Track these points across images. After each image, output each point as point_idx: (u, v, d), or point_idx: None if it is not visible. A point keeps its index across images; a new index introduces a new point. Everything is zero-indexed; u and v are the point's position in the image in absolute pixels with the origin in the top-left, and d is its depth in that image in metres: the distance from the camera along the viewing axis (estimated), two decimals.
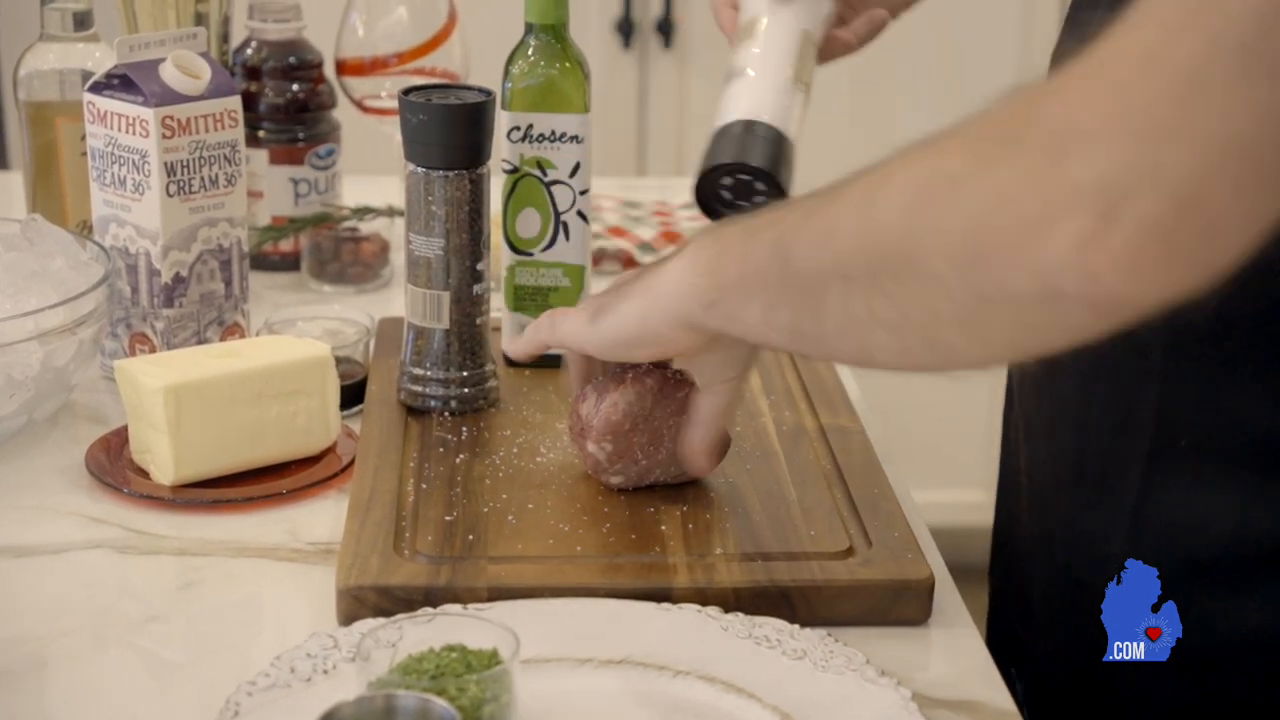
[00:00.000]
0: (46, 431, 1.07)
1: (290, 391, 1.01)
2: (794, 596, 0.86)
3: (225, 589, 0.91)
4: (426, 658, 0.74)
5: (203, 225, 1.12)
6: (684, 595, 0.85)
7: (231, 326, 1.15)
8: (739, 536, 0.91)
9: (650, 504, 0.94)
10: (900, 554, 0.89)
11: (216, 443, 0.99)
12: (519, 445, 1.01)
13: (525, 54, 1.09)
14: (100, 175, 1.12)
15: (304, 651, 0.80)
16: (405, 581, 0.85)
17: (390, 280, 1.38)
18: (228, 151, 1.12)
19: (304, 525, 0.97)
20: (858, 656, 0.81)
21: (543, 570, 0.87)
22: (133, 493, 0.98)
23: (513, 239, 1.12)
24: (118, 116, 1.10)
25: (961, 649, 0.86)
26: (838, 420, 1.05)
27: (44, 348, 1.02)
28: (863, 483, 0.97)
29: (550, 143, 1.09)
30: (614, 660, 0.81)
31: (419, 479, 0.96)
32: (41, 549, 0.94)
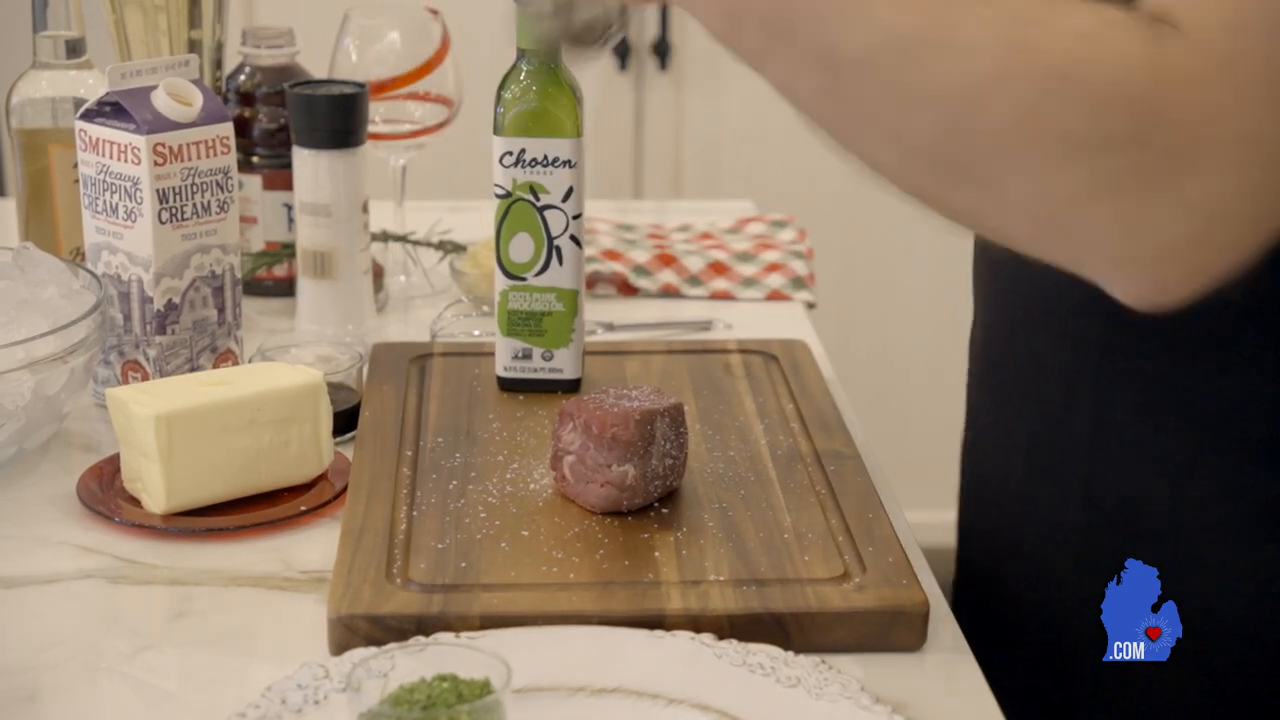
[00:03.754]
0: (38, 460, 1.07)
1: (282, 419, 1.00)
2: (788, 623, 0.85)
3: (217, 618, 0.90)
4: (418, 688, 0.73)
5: (195, 252, 1.12)
6: (677, 621, 0.85)
7: (224, 353, 1.15)
8: (733, 562, 0.90)
9: (644, 529, 0.94)
10: (895, 580, 0.88)
11: (208, 471, 0.98)
12: (512, 471, 1.01)
13: (517, 79, 1.09)
14: (92, 203, 1.12)
15: (295, 682, 0.80)
16: (397, 610, 0.85)
17: (385, 305, 1.38)
18: (220, 178, 1.12)
19: (296, 554, 0.96)
20: (852, 684, 0.80)
21: (536, 598, 0.87)
22: (124, 521, 0.98)
23: (506, 264, 1.12)
24: (110, 144, 1.10)
25: (957, 675, 0.86)
26: (833, 444, 1.05)
27: (35, 376, 1.02)
28: (857, 508, 0.96)
29: (543, 168, 1.09)
30: (607, 689, 0.80)
31: (411, 506, 0.96)
32: (32, 579, 0.93)
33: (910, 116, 0.68)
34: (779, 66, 0.72)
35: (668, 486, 0.97)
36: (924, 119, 0.68)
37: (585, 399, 0.97)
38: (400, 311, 1.39)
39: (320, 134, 1.21)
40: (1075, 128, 0.65)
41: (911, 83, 0.67)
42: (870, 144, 0.71)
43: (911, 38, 0.67)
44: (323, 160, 1.22)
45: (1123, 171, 0.65)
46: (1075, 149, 0.65)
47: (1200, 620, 0.86)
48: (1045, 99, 0.65)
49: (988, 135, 0.66)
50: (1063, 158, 0.65)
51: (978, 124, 0.66)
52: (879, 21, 0.67)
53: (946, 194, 0.70)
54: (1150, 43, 0.65)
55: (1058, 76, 0.65)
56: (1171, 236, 0.65)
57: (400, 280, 1.43)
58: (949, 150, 0.68)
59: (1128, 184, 0.65)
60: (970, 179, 0.68)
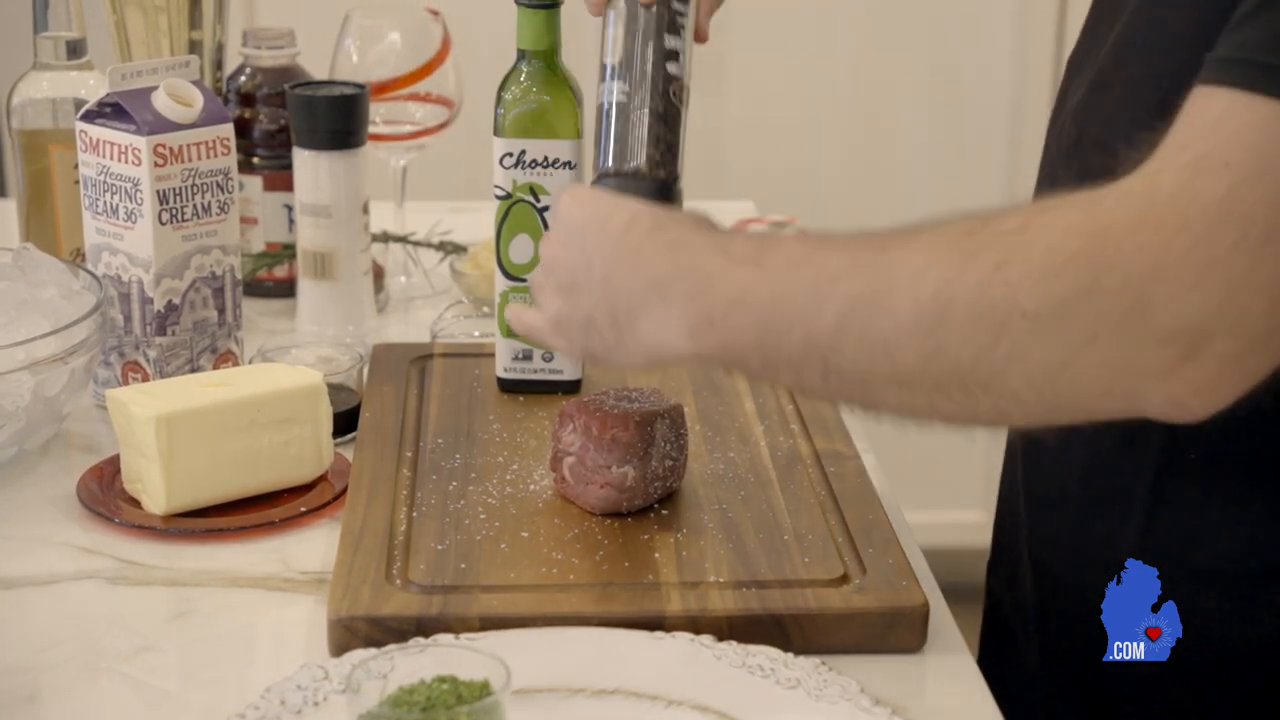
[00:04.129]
0: (38, 461, 1.07)
1: (282, 420, 1.00)
2: (788, 624, 0.85)
3: (217, 619, 0.90)
4: (417, 689, 0.73)
5: (195, 253, 1.12)
6: (677, 623, 0.85)
7: (224, 354, 1.15)
8: (733, 563, 0.90)
9: (644, 531, 0.94)
10: (895, 581, 0.88)
11: (208, 472, 0.98)
12: (512, 473, 1.01)
13: (518, 80, 1.09)
14: (93, 203, 1.12)
15: (294, 683, 0.80)
16: (397, 611, 0.85)
17: (385, 306, 1.38)
18: (220, 179, 1.12)
19: (296, 555, 0.96)
20: (852, 685, 0.80)
21: (535, 599, 0.87)
22: (124, 522, 0.98)
23: (506, 265, 1.12)
24: (110, 145, 1.10)
25: (957, 677, 0.86)
26: (833, 445, 1.05)
27: (35, 377, 1.02)
28: (857, 509, 0.96)
29: (543, 169, 1.09)
30: (606, 690, 0.80)
31: (411, 507, 0.96)
32: (32, 580, 0.93)
33: (893, 357, 0.73)
34: (786, 372, 0.78)
35: (668, 488, 0.97)
36: (905, 354, 0.73)
37: (585, 400, 0.97)
38: (400, 312, 1.39)
39: (321, 135, 1.21)
40: (1029, 305, 0.69)
41: (881, 328, 0.73)
42: (878, 394, 0.76)
43: (865, 294, 0.74)
44: (323, 161, 1.22)
45: (1089, 321, 0.68)
46: (1038, 322, 0.69)
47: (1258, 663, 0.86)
48: (993, 289, 0.70)
49: (957, 343, 0.71)
50: (1031, 334, 0.69)
51: (946, 338, 0.71)
52: (834, 296, 0.74)
53: (965, 409, 0.74)
54: (1080, 209, 0.70)
55: (997, 266, 0.70)
56: (1162, 364, 0.68)
57: (401, 281, 1.43)
58: (939, 371, 0.72)
59: (1098, 330, 0.68)
60: (968, 387, 0.72)
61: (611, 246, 0.83)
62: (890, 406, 0.76)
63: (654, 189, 0.93)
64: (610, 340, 0.84)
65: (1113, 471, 0.90)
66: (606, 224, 0.84)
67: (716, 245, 0.81)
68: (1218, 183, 0.67)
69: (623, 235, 0.83)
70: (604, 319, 0.83)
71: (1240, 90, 0.68)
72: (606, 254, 0.83)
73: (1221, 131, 0.68)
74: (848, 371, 0.75)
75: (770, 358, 0.78)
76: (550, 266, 0.87)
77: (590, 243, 0.84)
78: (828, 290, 0.75)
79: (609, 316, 0.83)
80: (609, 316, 0.83)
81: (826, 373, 0.76)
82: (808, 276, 0.76)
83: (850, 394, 0.77)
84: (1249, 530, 0.87)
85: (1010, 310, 0.70)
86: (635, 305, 0.82)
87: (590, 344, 0.85)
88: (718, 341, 0.79)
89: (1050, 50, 2.38)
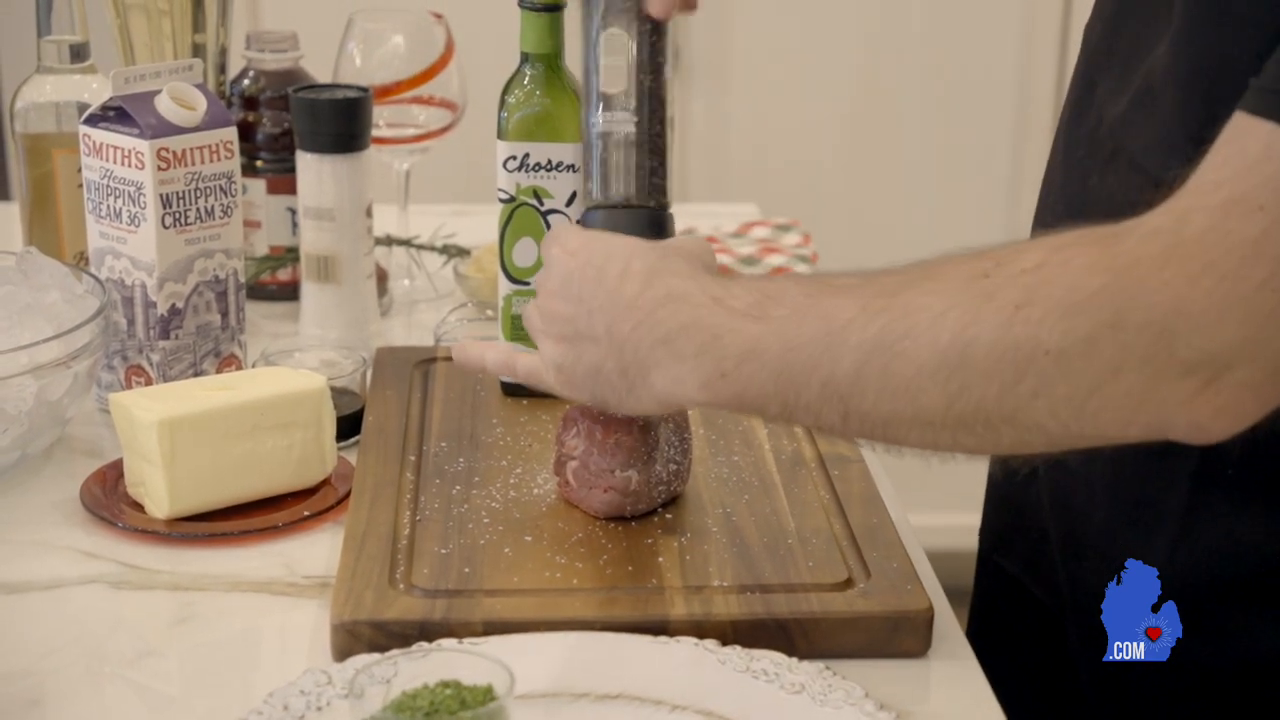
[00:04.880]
0: (41, 465, 1.07)
1: (286, 424, 1.00)
2: (792, 629, 0.85)
3: (220, 624, 0.90)
4: (421, 694, 0.73)
5: (199, 257, 1.12)
6: (681, 627, 0.85)
7: (228, 358, 1.15)
8: (736, 568, 0.90)
9: (648, 535, 0.94)
10: (899, 585, 0.88)
11: (211, 476, 0.98)
12: (516, 476, 1.01)
13: (521, 83, 1.09)
14: (96, 207, 1.12)
15: (298, 688, 0.79)
16: (400, 616, 0.85)
17: (388, 309, 1.38)
18: (224, 183, 1.12)
19: (299, 559, 0.96)
20: (856, 690, 0.80)
21: (539, 603, 0.87)
22: (127, 527, 0.98)
23: (509, 268, 1.12)
24: (113, 149, 1.10)
25: (962, 681, 0.85)
26: (836, 449, 1.04)
27: (38, 382, 1.02)
28: (861, 513, 0.96)
29: (546, 172, 1.09)
30: (610, 695, 0.80)
31: (414, 511, 0.96)
32: (35, 584, 0.93)
33: (916, 400, 0.74)
34: (805, 417, 0.79)
35: (672, 492, 0.97)
36: (927, 396, 0.73)
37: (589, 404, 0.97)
38: (404, 316, 1.39)
39: (324, 138, 1.21)
40: (1052, 342, 0.70)
41: (903, 373, 0.74)
42: (901, 433, 0.76)
43: (883, 339, 0.74)
44: (326, 164, 1.22)
45: (1113, 356, 0.69)
46: (1061, 359, 0.70)
47: None
48: (1015, 329, 0.70)
49: (981, 382, 0.72)
50: (1056, 369, 0.70)
51: (969, 378, 0.72)
52: (849, 344, 0.75)
53: (987, 443, 0.75)
54: (1099, 245, 0.70)
55: (1017, 306, 0.71)
56: (1185, 393, 0.69)
57: (404, 284, 1.43)
58: (963, 409, 0.73)
59: (1124, 363, 0.69)
60: (992, 423, 0.73)
61: (608, 298, 0.84)
62: (913, 444, 0.77)
63: (646, 219, 0.94)
64: (621, 389, 0.85)
65: (1145, 483, 0.90)
66: (601, 274, 0.84)
67: (714, 298, 0.81)
68: (1251, 225, 0.67)
69: (618, 286, 0.84)
70: (613, 369, 0.84)
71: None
72: (604, 305, 0.84)
73: (1260, 172, 0.68)
74: (869, 414, 0.76)
75: (789, 404, 0.78)
76: (549, 317, 0.88)
77: (586, 293, 0.85)
78: (841, 339, 0.75)
79: (619, 368, 0.84)
80: (619, 368, 0.84)
81: (847, 416, 0.77)
82: (818, 326, 0.76)
83: (872, 434, 0.78)
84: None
85: (1034, 349, 0.70)
86: (644, 359, 0.83)
87: (599, 392, 0.86)
88: (733, 393, 0.80)
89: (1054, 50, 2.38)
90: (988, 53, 2.40)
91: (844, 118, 2.42)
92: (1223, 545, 0.87)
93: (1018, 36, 2.40)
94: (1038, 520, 1.00)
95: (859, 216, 2.45)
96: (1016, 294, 0.71)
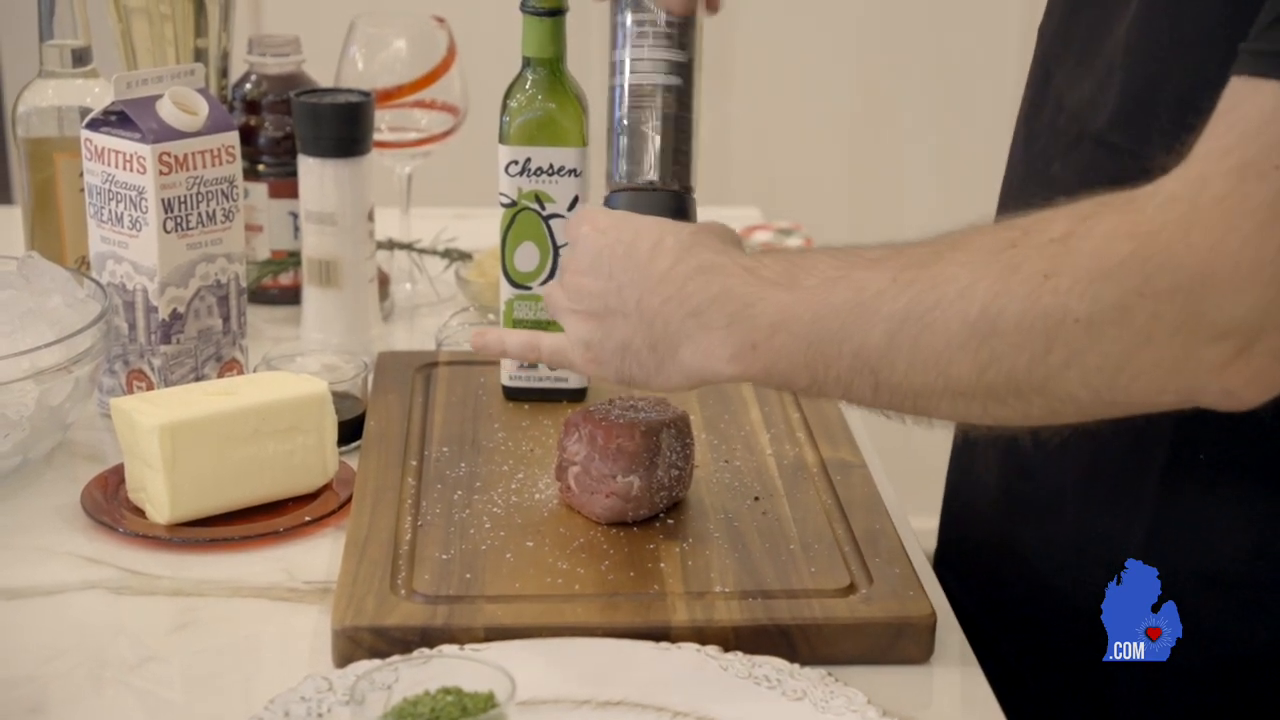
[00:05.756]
0: (42, 470, 1.07)
1: (287, 429, 1.00)
2: (794, 635, 0.85)
3: (221, 629, 0.90)
4: (421, 701, 0.73)
5: (200, 261, 1.12)
6: (683, 633, 0.85)
7: (229, 362, 1.15)
8: (738, 573, 0.90)
9: (650, 540, 0.94)
10: (902, 591, 0.88)
11: (212, 481, 0.98)
12: (517, 482, 1.01)
13: (523, 88, 1.09)
14: (97, 212, 1.12)
15: (298, 694, 0.79)
16: (401, 622, 0.84)
17: (390, 313, 1.38)
18: (225, 187, 1.12)
19: (300, 564, 0.96)
20: (858, 697, 0.80)
21: (540, 609, 0.86)
22: (128, 532, 0.98)
23: (511, 273, 1.12)
24: (115, 153, 1.10)
25: (964, 687, 0.85)
26: (839, 454, 1.04)
27: (39, 386, 1.02)
28: (864, 518, 0.96)
29: (548, 176, 1.09)
30: (612, 701, 0.80)
31: (416, 517, 0.96)
32: (36, 590, 0.93)
33: (947, 371, 0.74)
34: (835, 389, 0.79)
35: (673, 497, 0.97)
36: (958, 367, 0.74)
37: (591, 409, 0.97)
38: (406, 320, 1.39)
39: (325, 142, 1.21)
40: (1081, 311, 0.70)
41: (933, 344, 0.74)
42: (932, 404, 0.77)
43: (913, 310, 0.74)
44: (328, 169, 1.22)
45: (1143, 323, 0.69)
46: (1091, 327, 0.70)
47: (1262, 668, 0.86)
48: (1043, 298, 0.71)
49: (1011, 352, 0.72)
50: (1086, 338, 0.70)
51: (1000, 348, 0.72)
52: (880, 314, 0.75)
53: (1018, 413, 0.75)
54: (1119, 213, 0.71)
55: (1046, 276, 0.71)
56: (1216, 360, 0.69)
57: (406, 288, 1.43)
58: (994, 379, 0.73)
59: (1155, 331, 0.69)
60: (1024, 393, 0.73)
61: (639, 273, 0.84)
62: (944, 415, 0.77)
63: (668, 201, 0.93)
64: (650, 365, 0.85)
65: (1118, 472, 0.90)
66: (632, 250, 0.85)
67: (746, 268, 0.81)
68: (1267, 187, 0.68)
69: (650, 261, 0.84)
70: (642, 344, 0.84)
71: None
72: (635, 280, 0.84)
73: (1268, 133, 0.68)
74: (900, 386, 0.76)
75: (818, 377, 0.78)
76: (577, 294, 0.87)
77: (617, 269, 0.85)
78: (872, 309, 0.76)
79: (648, 342, 0.84)
80: (648, 342, 0.84)
81: (878, 387, 0.77)
82: (849, 295, 0.77)
83: (902, 405, 0.78)
84: (1257, 533, 0.86)
85: (1063, 317, 0.70)
86: (675, 333, 0.83)
87: (627, 369, 0.86)
88: (762, 365, 0.80)
89: None
90: (989, 57, 2.40)
91: (846, 122, 2.42)
92: (1198, 537, 0.88)
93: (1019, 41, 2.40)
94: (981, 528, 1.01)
95: (861, 220, 2.45)
96: (1044, 263, 0.71)
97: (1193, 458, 0.87)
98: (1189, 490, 0.88)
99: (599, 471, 0.94)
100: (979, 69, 2.40)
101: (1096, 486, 0.92)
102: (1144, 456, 0.89)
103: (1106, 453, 0.90)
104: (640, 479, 0.94)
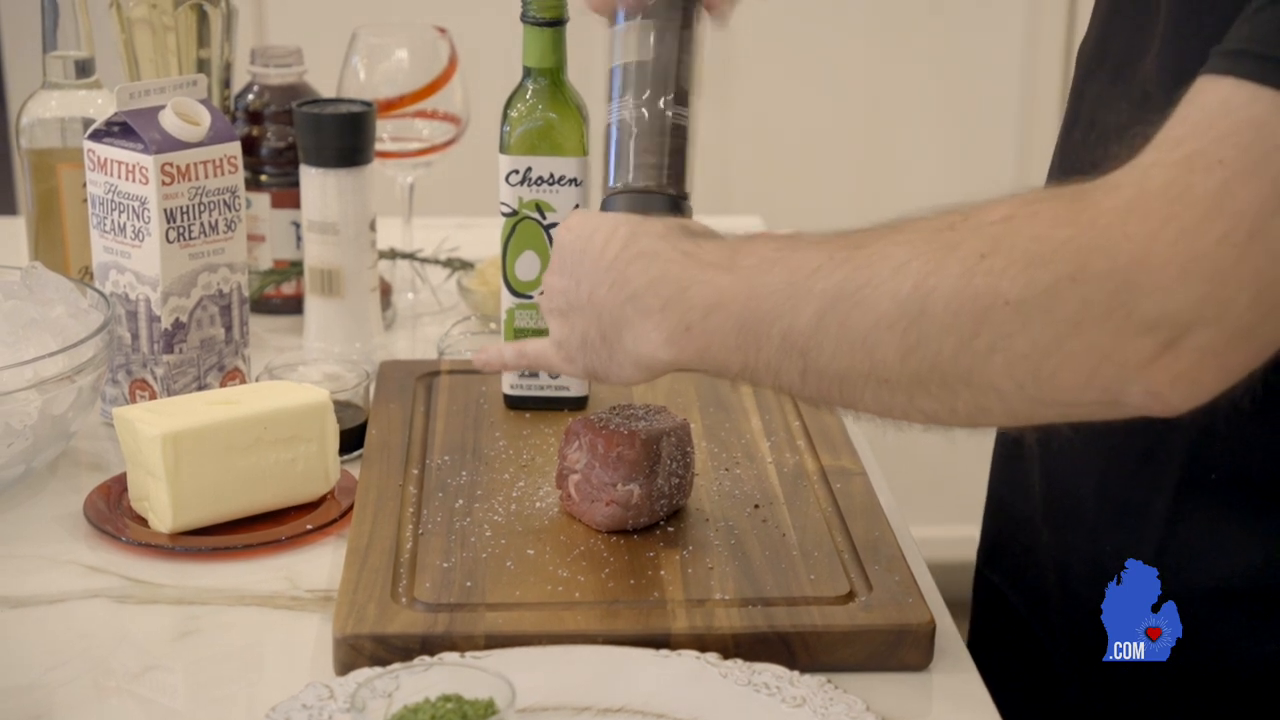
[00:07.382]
0: (45, 480, 1.07)
1: (289, 437, 1.01)
2: (793, 642, 0.85)
3: (223, 638, 0.90)
4: (422, 708, 0.73)
5: (203, 271, 1.12)
6: (683, 641, 0.85)
7: (232, 372, 1.16)
8: (738, 581, 0.90)
9: (650, 548, 0.94)
10: (901, 599, 0.88)
11: (215, 490, 0.99)
12: (518, 490, 1.01)
13: (524, 97, 1.09)
14: (100, 222, 1.12)
15: (300, 702, 0.80)
16: (402, 630, 0.85)
17: (392, 323, 1.38)
18: (227, 197, 1.12)
19: (302, 572, 0.96)
20: (858, 704, 0.80)
21: (541, 617, 0.87)
22: (131, 541, 0.98)
23: (512, 282, 1.12)
24: (118, 164, 1.10)
25: (964, 694, 0.85)
26: (839, 462, 1.04)
27: (42, 396, 1.02)
28: (864, 526, 0.96)
29: (549, 186, 1.10)
30: (612, 709, 0.80)
31: (417, 525, 0.96)
32: (39, 599, 0.94)
33: (873, 353, 0.73)
34: (766, 374, 0.78)
35: (674, 505, 0.97)
36: (884, 350, 0.73)
37: (592, 418, 0.97)
38: (408, 329, 1.39)
39: (328, 152, 1.22)
40: (1013, 293, 0.69)
41: (862, 323, 0.73)
42: (857, 392, 0.76)
43: (845, 288, 0.74)
44: (330, 179, 1.22)
45: (1073, 308, 0.68)
46: (1021, 310, 0.69)
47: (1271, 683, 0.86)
48: (976, 279, 0.70)
49: (938, 334, 0.71)
50: (1015, 321, 0.69)
51: (928, 330, 0.71)
52: (812, 293, 0.75)
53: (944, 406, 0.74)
54: (1066, 201, 0.70)
55: (981, 256, 0.70)
56: (1143, 354, 0.68)
57: (408, 298, 1.43)
58: (918, 365, 0.72)
59: (1084, 317, 0.68)
60: (948, 382, 0.72)
61: (592, 265, 0.85)
62: (868, 405, 0.76)
63: (664, 205, 0.93)
64: (604, 356, 0.85)
65: (1131, 485, 0.90)
66: (589, 244, 0.85)
67: (685, 252, 0.81)
68: (1210, 179, 0.67)
69: (601, 253, 0.84)
70: (596, 335, 0.85)
71: (1240, 80, 0.68)
72: (589, 273, 0.85)
73: (1218, 127, 0.68)
74: (826, 370, 0.75)
75: (750, 361, 0.78)
76: (550, 294, 0.89)
77: (577, 265, 0.86)
78: (804, 288, 0.75)
79: (600, 333, 0.85)
80: (600, 333, 0.85)
81: (805, 371, 0.76)
82: (783, 276, 0.76)
83: (829, 393, 0.77)
84: (1266, 549, 0.86)
85: (993, 299, 0.70)
86: (617, 319, 0.83)
87: (589, 362, 0.87)
88: (696, 348, 0.80)
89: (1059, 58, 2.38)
90: (992, 62, 2.40)
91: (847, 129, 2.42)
92: (1208, 551, 0.87)
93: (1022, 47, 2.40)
94: (1029, 531, 1.01)
95: None
96: (981, 244, 0.70)
97: (1204, 477, 0.87)
98: (1200, 508, 0.87)
99: (599, 479, 0.94)
100: (982, 75, 2.41)
101: (1108, 502, 0.92)
102: (1157, 471, 0.88)
103: (1120, 465, 0.90)
104: (641, 487, 0.94)
